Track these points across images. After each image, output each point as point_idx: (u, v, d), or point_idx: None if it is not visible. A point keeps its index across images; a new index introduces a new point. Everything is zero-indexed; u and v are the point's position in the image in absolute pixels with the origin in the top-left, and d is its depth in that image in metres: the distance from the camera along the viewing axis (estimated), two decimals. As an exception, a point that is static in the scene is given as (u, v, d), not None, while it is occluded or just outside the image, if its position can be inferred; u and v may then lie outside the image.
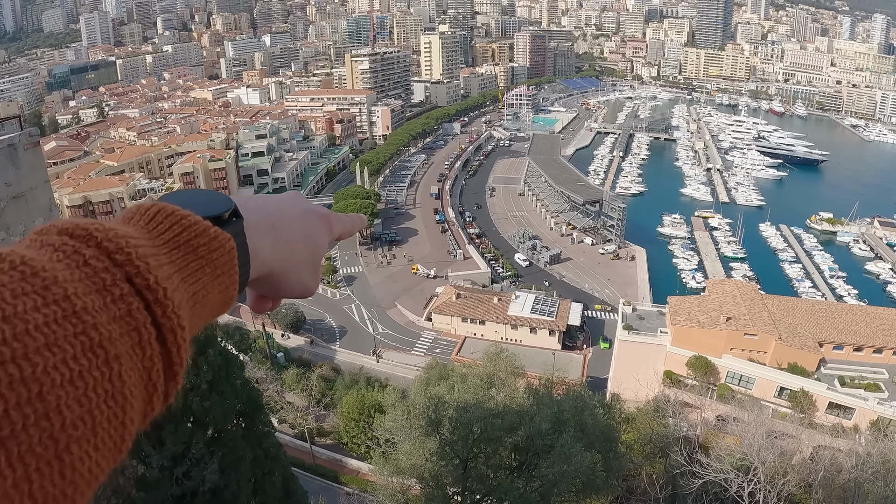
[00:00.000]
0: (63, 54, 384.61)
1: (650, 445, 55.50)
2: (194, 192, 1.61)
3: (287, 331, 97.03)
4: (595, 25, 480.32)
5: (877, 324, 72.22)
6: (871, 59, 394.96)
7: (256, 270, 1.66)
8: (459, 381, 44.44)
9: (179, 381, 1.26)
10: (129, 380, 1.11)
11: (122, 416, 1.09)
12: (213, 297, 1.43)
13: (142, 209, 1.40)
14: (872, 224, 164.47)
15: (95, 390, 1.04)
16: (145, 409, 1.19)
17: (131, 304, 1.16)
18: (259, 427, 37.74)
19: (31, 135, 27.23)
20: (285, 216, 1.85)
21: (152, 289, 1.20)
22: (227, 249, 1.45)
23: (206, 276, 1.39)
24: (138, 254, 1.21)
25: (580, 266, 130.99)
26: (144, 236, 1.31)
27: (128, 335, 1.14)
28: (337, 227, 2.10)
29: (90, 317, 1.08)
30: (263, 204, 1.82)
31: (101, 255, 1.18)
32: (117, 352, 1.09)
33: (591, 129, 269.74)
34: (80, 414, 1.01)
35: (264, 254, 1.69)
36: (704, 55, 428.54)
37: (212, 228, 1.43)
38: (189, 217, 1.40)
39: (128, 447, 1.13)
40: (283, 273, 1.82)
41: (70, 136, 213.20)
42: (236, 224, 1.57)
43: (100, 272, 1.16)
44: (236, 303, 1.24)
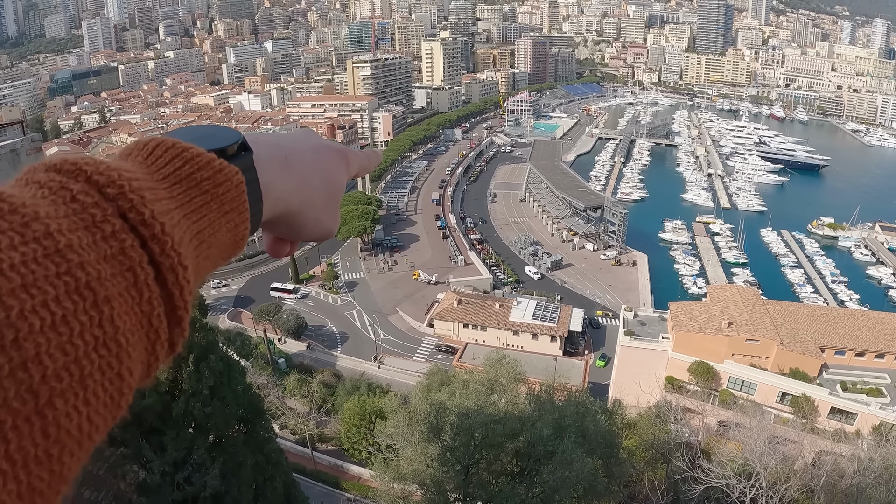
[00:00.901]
0: (65, 60, 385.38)
1: (652, 451, 55.43)
2: (200, 126, 1.51)
3: (287, 336, 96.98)
4: (596, 31, 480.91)
5: (878, 328, 72.19)
6: (872, 64, 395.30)
7: (270, 208, 1.53)
8: (461, 387, 44.43)
9: (185, 327, 1.14)
10: (125, 325, 0.99)
11: (117, 366, 0.97)
12: (222, 236, 1.31)
13: (140, 144, 1.29)
14: (874, 229, 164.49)
15: (83, 336, 0.92)
16: (148, 358, 1.08)
17: (124, 242, 1.04)
18: (260, 433, 37.73)
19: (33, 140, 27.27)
20: (299, 150, 1.73)
21: (148, 224, 1.08)
22: (235, 183, 1.33)
23: (213, 212, 1.27)
24: (132, 187, 1.10)
25: (581, 272, 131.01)
26: (142, 171, 1.20)
27: (121, 275, 1.02)
28: (354, 162, 1.97)
29: (76, 255, 0.95)
30: (275, 138, 1.71)
31: (90, 190, 1.06)
32: (108, 294, 0.97)
33: (593, 134, 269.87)
34: (65, 363, 0.89)
35: (278, 190, 1.56)
36: (705, 61, 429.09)
37: (217, 161, 1.32)
38: (191, 149, 1.29)
39: (127, 401, 1.01)
40: (299, 211, 1.69)
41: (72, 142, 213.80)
42: (245, 157, 1.45)
43: (89, 207, 1.03)
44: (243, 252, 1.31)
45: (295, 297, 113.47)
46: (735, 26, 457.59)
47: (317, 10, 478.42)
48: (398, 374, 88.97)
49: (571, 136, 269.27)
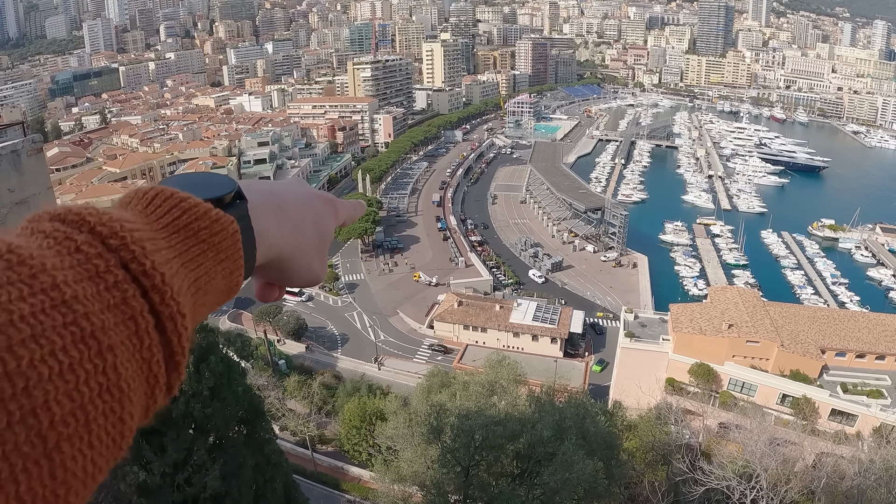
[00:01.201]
0: (66, 61, 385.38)
1: (652, 453, 55.45)
2: (196, 174, 1.54)
3: (288, 338, 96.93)
4: (596, 33, 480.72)
5: (879, 330, 72.14)
6: (872, 66, 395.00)
7: (263, 254, 1.57)
8: (461, 388, 44.42)
9: (182, 371, 1.18)
10: (126, 372, 1.04)
11: (119, 411, 1.02)
12: (217, 283, 1.35)
13: (139, 193, 1.33)
14: (874, 230, 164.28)
15: (88, 384, 0.96)
16: (147, 402, 1.12)
17: (126, 292, 1.09)
18: (260, 434, 37.70)
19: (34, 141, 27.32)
20: (291, 198, 1.76)
21: (149, 274, 1.12)
22: (231, 232, 1.37)
23: (209, 260, 1.31)
24: (134, 238, 1.13)
25: (582, 274, 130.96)
26: (142, 220, 1.24)
27: (123, 324, 1.06)
28: (342, 211, 2.00)
29: (81, 306, 1.00)
30: (268, 186, 1.74)
31: (94, 241, 1.10)
32: (112, 342, 1.02)
33: (593, 136, 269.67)
34: (72, 409, 0.94)
35: (271, 237, 1.60)
36: (706, 62, 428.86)
37: (213, 211, 1.35)
38: (189, 199, 1.32)
39: (128, 443, 1.06)
40: (291, 258, 1.72)
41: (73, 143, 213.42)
42: (240, 206, 1.49)
43: (92, 258, 1.08)
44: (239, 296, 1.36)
45: (299, 300, 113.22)
46: (735, 28, 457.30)
47: (317, 12, 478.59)
48: (398, 375, 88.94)
49: (572, 137, 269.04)
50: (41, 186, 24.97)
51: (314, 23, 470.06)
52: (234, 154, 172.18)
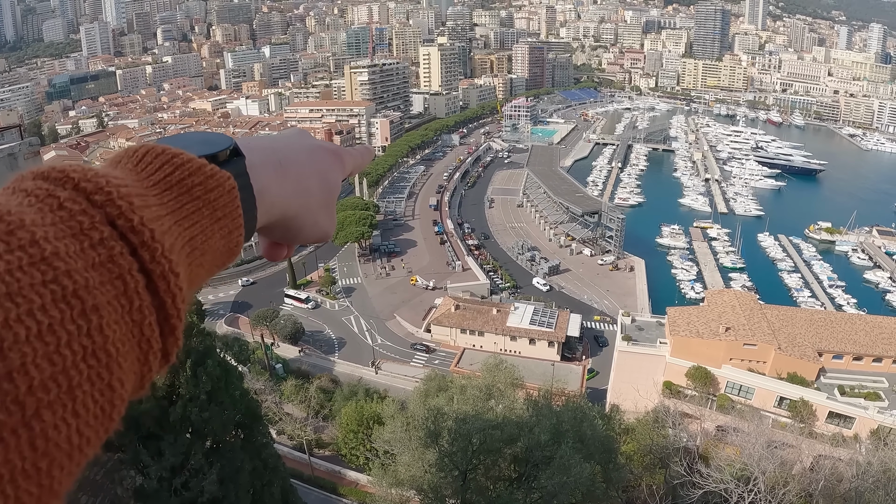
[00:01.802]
0: (63, 64, 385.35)
1: (650, 456, 55.45)
2: (192, 133, 1.46)
3: (285, 342, 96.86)
4: (593, 37, 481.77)
5: (876, 332, 72.18)
6: (869, 69, 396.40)
7: (265, 212, 1.50)
8: (458, 392, 44.41)
9: (179, 336, 1.11)
10: (115, 334, 0.96)
11: (107, 377, 0.93)
12: (216, 243, 1.27)
13: (129, 151, 1.26)
14: (871, 233, 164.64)
15: (70, 346, 0.88)
16: (141, 369, 1.04)
17: (113, 249, 1.01)
18: (258, 438, 37.70)
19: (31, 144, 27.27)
20: (293, 152, 1.69)
21: (137, 231, 1.05)
22: (227, 189, 1.30)
23: (205, 218, 1.24)
24: (120, 193, 1.06)
25: (579, 277, 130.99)
26: (132, 177, 1.18)
27: (110, 283, 0.98)
28: (348, 161, 1.93)
29: (63, 263, 0.92)
30: (268, 142, 1.67)
31: (77, 197, 1.03)
32: (97, 302, 0.94)
33: (590, 140, 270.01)
34: (52, 374, 0.85)
35: (273, 194, 1.53)
36: (702, 66, 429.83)
37: (208, 166, 1.29)
38: (182, 155, 1.26)
39: (119, 413, 0.97)
40: (296, 215, 1.65)
41: (70, 146, 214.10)
42: (237, 162, 1.42)
43: (76, 215, 1.00)
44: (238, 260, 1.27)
45: (306, 307, 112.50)
46: (732, 32, 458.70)
47: (315, 16, 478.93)
48: (396, 379, 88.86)
49: (569, 141, 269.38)
50: (38, 190, 24.89)
51: (311, 27, 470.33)
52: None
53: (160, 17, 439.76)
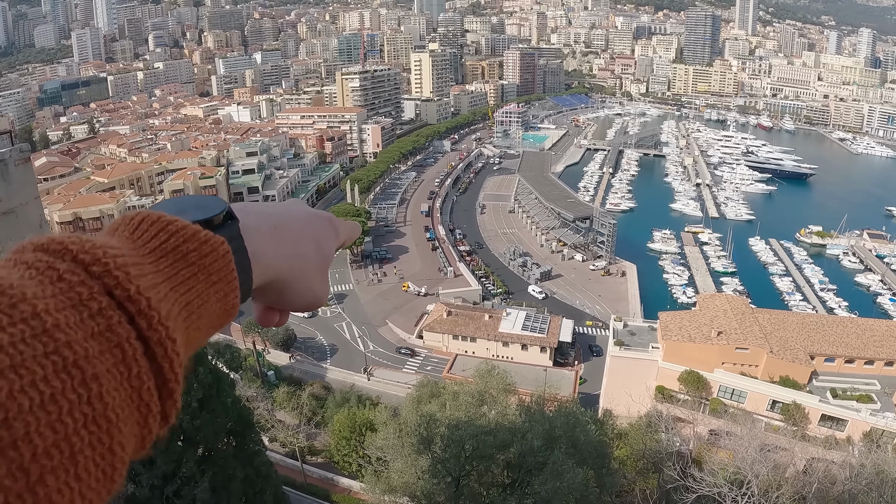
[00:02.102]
0: (54, 70, 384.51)
1: (643, 461, 55.39)
2: (186, 198, 1.51)
3: (277, 348, 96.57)
4: (584, 43, 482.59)
5: (867, 335, 72.37)
6: (858, 73, 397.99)
7: (260, 276, 1.52)
8: (451, 398, 44.29)
9: (177, 399, 1.15)
10: (114, 401, 1.00)
11: (108, 442, 0.97)
12: (212, 307, 1.31)
13: (126, 219, 1.29)
14: (861, 236, 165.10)
15: (72, 414, 0.92)
16: (141, 432, 1.08)
17: (111, 319, 1.05)
18: (250, 445, 37.55)
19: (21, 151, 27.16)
20: (289, 218, 1.72)
21: (134, 300, 1.09)
22: (221, 253, 1.33)
23: (200, 283, 1.27)
24: (117, 264, 1.10)
25: (571, 282, 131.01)
26: (128, 246, 1.21)
27: (109, 352, 1.03)
28: (342, 230, 1.98)
29: (63, 334, 0.96)
30: (264, 207, 1.70)
31: (76, 269, 1.07)
32: (97, 371, 0.98)
33: (581, 145, 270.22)
34: (55, 441, 0.90)
35: (268, 257, 1.56)
36: (693, 71, 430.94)
37: (202, 232, 1.31)
38: (176, 222, 1.28)
39: (121, 475, 1.02)
40: (290, 278, 1.68)
41: (61, 153, 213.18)
42: (231, 226, 1.46)
43: (75, 286, 1.05)
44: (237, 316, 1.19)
45: (302, 315, 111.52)
46: (722, 37, 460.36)
47: (306, 22, 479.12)
48: (388, 385, 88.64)
49: (560, 147, 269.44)
50: (29, 196, 24.87)
51: (303, 33, 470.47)
52: (222, 164, 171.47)
53: (152, 23, 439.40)
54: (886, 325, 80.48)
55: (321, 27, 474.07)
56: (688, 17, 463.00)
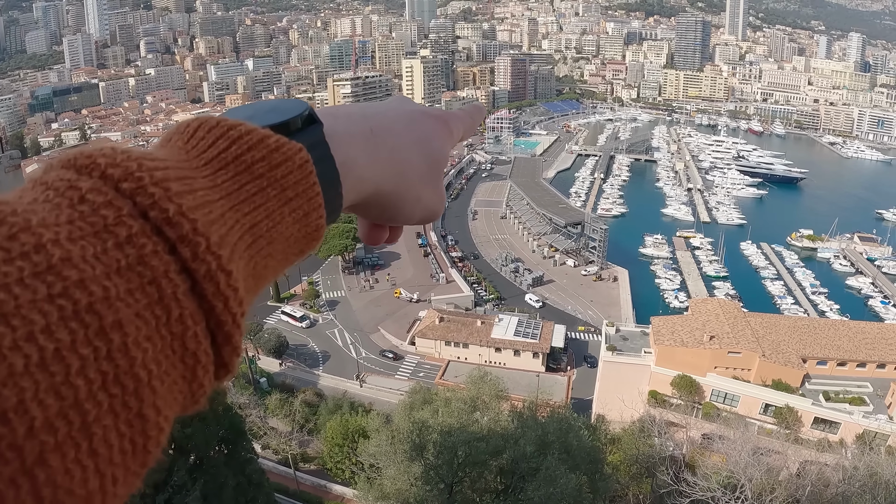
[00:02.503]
0: (46, 76, 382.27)
1: (636, 466, 55.36)
2: (261, 102, 1.25)
3: (269, 355, 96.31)
4: (575, 49, 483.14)
5: (859, 338, 72.66)
6: (848, 77, 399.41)
7: (354, 189, 1.25)
8: (443, 405, 44.25)
9: (237, 345, 0.87)
10: (146, 354, 0.74)
11: (136, 406, 0.73)
12: (287, 228, 1.02)
13: (181, 126, 1.02)
14: (852, 239, 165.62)
15: (84, 374, 0.67)
16: (189, 388, 0.83)
17: (144, 248, 0.78)
18: (242, 453, 37.44)
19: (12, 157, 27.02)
20: (388, 120, 1.42)
21: (175, 223, 0.81)
22: (298, 163, 1.04)
23: (271, 200, 0.99)
24: (154, 178, 0.82)
25: (563, 288, 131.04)
26: (179, 157, 0.93)
27: (140, 291, 0.76)
28: (457, 126, 1.64)
29: (74, 271, 0.70)
30: (359, 109, 1.43)
31: (103, 187, 0.80)
32: (120, 317, 0.72)
33: (572, 151, 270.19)
34: (60, 410, 0.65)
35: (362, 167, 1.27)
36: (683, 76, 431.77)
37: (272, 137, 1.02)
38: (240, 127, 1.00)
39: (157, 443, 0.78)
40: (394, 191, 1.38)
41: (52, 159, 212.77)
42: (313, 131, 1.16)
43: (100, 208, 0.78)
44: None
45: (302, 325, 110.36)
46: (712, 42, 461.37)
47: (298, 29, 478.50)
48: (380, 392, 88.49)
49: (551, 152, 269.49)
50: (16, 205, 24.66)
51: (294, 39, 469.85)
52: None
53: (143, 30, 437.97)
54: (878, 328, 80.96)
55: (313, 34, 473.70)
56: (678, 23, 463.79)
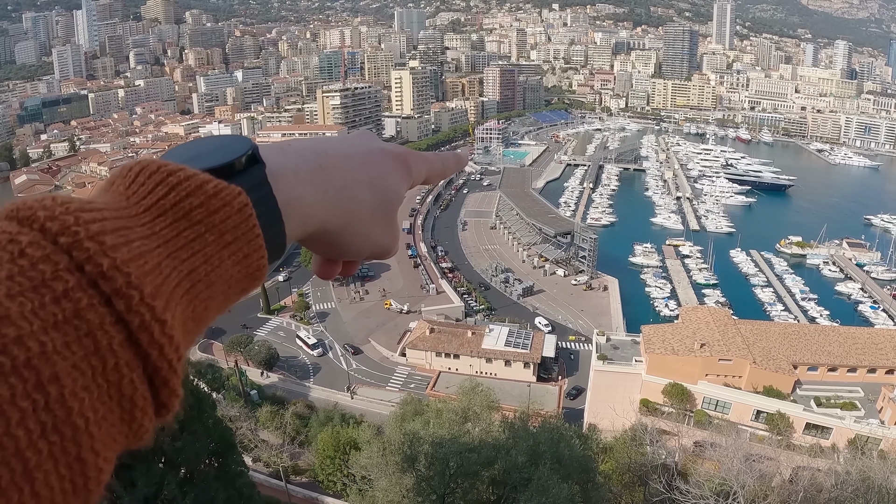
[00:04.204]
0: (35, 87, 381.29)
1: (629, 474, 55.31)
2: (206, 139, 1.23)
3: (259, 367, 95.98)
4: (563, 59, 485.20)
5: (849, 343, 72.84)
6: (835, 85, 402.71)
7: (299, 226, 1.26)
8: (435, 416, 44.14)
9: (175, 387, 0.93)
10: (83, 403, 0.78)
11: (74, 450, 0.77)
12: (227, 271, 1.05)
13: (124, 171, 1.03)
14: (841, 245, 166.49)
15: (24, 426, 0.71)
16: (129, 427, 0.88)
17: (79, 302, 0.81)
18: (232, 467, 37.22)
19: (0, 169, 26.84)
20: (340, 156, 1.41)
21: (108, 276, 0.84)
22: (237, 208, 1.06)
23: (209, 245, 1.01)
24: (90, 232, 0.85)
25: (553, 298, 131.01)
26: (119, 205, 0.96)
27: (77, 344, 0.79)
28: (419, 167, 1.62)
29: (12, 328, 0.73)
30: (311, 144, 1.41)
31: (41, 241, 0.82)
32: (56, 370, 0.75)
33: (562, 161, 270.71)
34: (3, 458, 0.70)
35: (307, 206, 1.27)
36: (671, 86, 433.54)
37: (210, 183, 1.04)
38: (179, 172, 1.02)
39: (98, 482, 0.81)
40: (341, 228, 1.39)
41: (41, 170, 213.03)
42: (254, 172, 1.16)
43: (38, 263, 0.80)
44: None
45: (312, 353, 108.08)
46: (700, 51, 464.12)
47: (287, 40, 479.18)
48: (372, 404, 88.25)
49: (540, 163, 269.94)
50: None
51: (284, 51, 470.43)
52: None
53: (133, 41, 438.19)
54: (868, 333, 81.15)
55: (302, 45, 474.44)
56: (666, 33, 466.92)
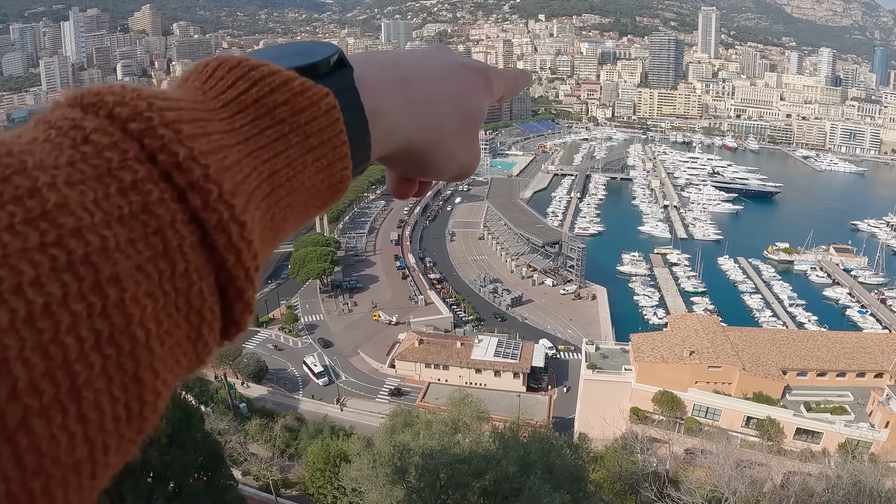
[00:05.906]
0: (22, 98, 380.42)
1: (620, 483, 55.19)
2: (289, 44, 1.09)
3: (248, 380, 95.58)
4: (550, 69, 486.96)
5: (838, 348, 73.10)
6: (819, 92, 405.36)
7: (384, 140, 1.16)
8: (424, 427, 44.01)
9: (250, 300, 0.77)
10: (144, 312, 0.64)
11: (132, 368, 0.62)
12: (309, 178, 0.91)
13: (199, 66, 0.95)
14: (828, 251, 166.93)
15: (75, 332, 0.58)
16: (194, 348, 0.73)
17: (149, 195, 0.67)
18: (221, 480, 37.01)
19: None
20: (424, 69, 1.26)
21: (185, 168, 0.70)
22: (324, 109, 0.92)
23: (293, 147, 0.87)
24: (165, 119, 0.72)
25: (542, 308, 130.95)
26: (195, 98, 0.84)
27: (144, 241, 0.66)
28: (498, 83, 1.47)
29: (70, 218, 0.60)
30: (394, 56, 1.26)
31: (108, 127, 0.70)
32: (118, 270, 0.62)
33: (549, 171, 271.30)
34: (47, 371, 0.55)
35: (393, 117, 1.15)
36: (658, 95, 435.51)
37: (297, 80, 0.91)
38: (262, 67, 0.89)
39: (154, 408, 0.66)
40: (426, 144, 1.26)
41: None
42: (342, 75, 1.03)
43: (103, 150, 0.67)
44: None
45: (317, 382, 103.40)
46: (686, 60, 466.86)
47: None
48: (361, 415, 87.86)
49: (528, 173, 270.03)
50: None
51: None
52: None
53: (120, 52, 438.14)
54: (856, 337, 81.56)
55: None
56: (652, 42, 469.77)
